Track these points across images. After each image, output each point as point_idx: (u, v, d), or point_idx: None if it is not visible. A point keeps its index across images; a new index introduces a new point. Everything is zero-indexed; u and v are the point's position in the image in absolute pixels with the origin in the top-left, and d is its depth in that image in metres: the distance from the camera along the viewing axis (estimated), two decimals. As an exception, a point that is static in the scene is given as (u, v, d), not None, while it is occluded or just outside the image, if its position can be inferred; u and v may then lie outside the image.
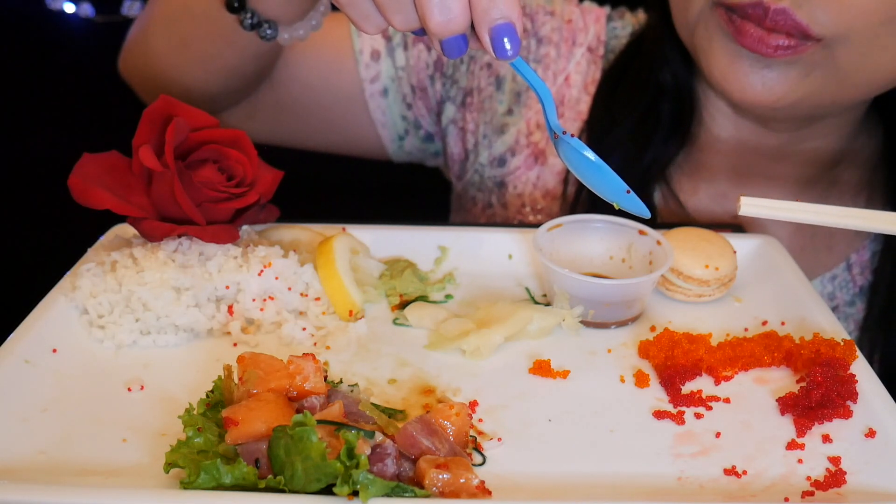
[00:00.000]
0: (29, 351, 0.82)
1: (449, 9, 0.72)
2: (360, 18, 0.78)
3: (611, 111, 1.23)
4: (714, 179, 1.24)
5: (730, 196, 1.24)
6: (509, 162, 1.28)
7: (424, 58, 1.29)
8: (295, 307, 0.91)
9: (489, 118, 1.29)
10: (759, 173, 1.23)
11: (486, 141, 1.29)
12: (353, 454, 0.63)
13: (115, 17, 2.46)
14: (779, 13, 0.97)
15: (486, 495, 0.66)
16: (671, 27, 1.15)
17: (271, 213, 0.99)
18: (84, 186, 0.87)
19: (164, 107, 0.91)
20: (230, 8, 1.02)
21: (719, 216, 1.24)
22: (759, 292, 0.98)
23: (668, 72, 1.20)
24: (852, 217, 0.80)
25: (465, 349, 0.86)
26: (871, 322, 1.22)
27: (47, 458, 0.71)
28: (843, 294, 1.24)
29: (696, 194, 1.24)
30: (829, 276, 1.24)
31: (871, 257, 1.23)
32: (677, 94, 1.21)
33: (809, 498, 0.69)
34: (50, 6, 2.44)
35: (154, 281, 0.86)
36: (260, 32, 1.02)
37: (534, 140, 1.27)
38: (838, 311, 1.24)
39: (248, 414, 0.67)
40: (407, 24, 0.75)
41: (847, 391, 0.79)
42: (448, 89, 1.29)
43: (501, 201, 1.30)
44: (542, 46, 1.28)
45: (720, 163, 1.24)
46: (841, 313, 1.24)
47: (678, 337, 0.87)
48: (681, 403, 0.80)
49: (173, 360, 0.85)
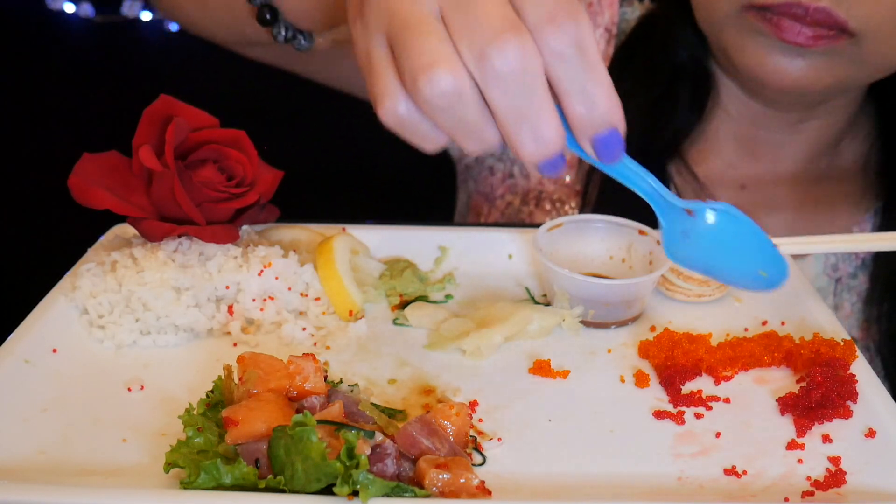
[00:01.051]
0: (29, 351, 0.82)
1: (541, 135, 0.63)
2: (420, 140, 0.67)
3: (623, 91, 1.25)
4: (722, 150, 1.27)
5: (737, 166, 1.27)
6: None
7: None
8: (295, 307, 0.91)
9: None
10: (768, 144, 1.25)
11: None
12: (353, 454, 0.63)
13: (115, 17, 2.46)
14: (819, 11, 1.00)
15: (486, 495, 0.66)
16: (684, 10, 1.18)
17: (271, 213, 0.99)
18: (84, 186, 0.87)
19: (164, 107, 0.91)
20: (262, 21, 0.94)
21: (727, 184, 1.26)
22: (759, 292, 0.98)
23: (685, 52, 1.23)
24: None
25: (465, 349, 0.86)
26: (874, 295, 1.24)
27: (47, 458, 0.71)
28: (846, 266, 1.25)
29: (705, 163, 1.26)
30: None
31: (872, 231, 1.26)
32: (695, 73, 1.24)
33: (809, 498, 0.69)
34: (50, 6, 2.45)
35: (154, 281, 0.86)
36: (294, 45, 0.96)
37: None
38: (841, 284, 1.25)
39: (248, 414, 0.67)
40: (485, 148, 0.66)
41: (847, 391, 0.79)
42: None
43: (524, 172, 1.30)
44: None
45: (728, 134, 1.27)
46: (844, 285, 1.25)
47: (678, 337, 0.87)
48: (681, 403, 0.80)
49: (173, 360, 0.85)
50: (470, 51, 0.61)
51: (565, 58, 0.61)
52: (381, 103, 0.65)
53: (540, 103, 0.62)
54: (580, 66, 0.62)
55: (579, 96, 0.63)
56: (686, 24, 1.21)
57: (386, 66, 0.64)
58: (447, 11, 0.62)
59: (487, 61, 0.60)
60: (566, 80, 0.62)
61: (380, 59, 0.65)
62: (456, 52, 0.61)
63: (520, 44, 0.60)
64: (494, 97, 0.62)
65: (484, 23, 0.60)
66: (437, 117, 0.63)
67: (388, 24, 0.63)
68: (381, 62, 0.64)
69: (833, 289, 1.25)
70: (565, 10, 0.61)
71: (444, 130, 0.65)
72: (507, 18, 0.60)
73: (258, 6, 0.90)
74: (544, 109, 0.62)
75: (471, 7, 0.61)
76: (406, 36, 0.62)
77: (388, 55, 0.64)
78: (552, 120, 0.63)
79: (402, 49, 0.62)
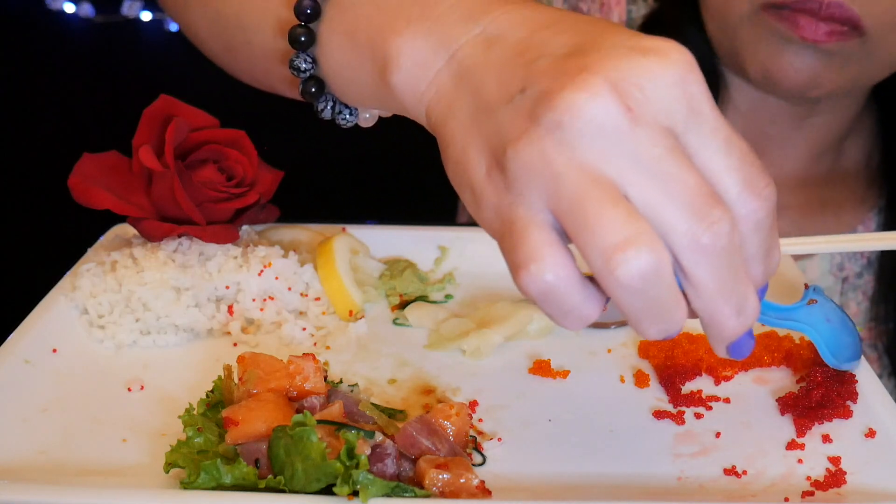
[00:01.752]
0: (29, 351, 0.82)
1: (744, 308, 0.57)
2: (560, 316, 0.58)
3: None
4: None
5: None
6: None
7: None
8: (295, 307, 0.91)
9: None
10: (775, 139, 1.26)
11: None
12: (353, 454, 0.63)
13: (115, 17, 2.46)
14: (833, 6, 1.01)
15: (486, 495, 0.66)
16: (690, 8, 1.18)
17: (271, 213, 0.99)
18: (84, 186, 0.87)
19: (164, 107, 0.91)
20: (306, 94, 0.76)
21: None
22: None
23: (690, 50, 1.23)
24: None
25: (465, 349, 0.86)
26: (881, 294, 1.24)
27: (47, 458, 0.71)
28: (851, 265, 1.25)
29: None
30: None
31: (877, 230, 1.26)
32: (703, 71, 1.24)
33: (809, 498, 0.69)
34: (50, 6, 2.45)
35: (154, 281, 0.86)
36: (338, 119, 0.79)
37: None
38: (848, 283, 1.25)
39: (248, 414, 0.67)
40: (668, 331, 0.58)
41: (847, 391, 0.79)
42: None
43: None
44: None
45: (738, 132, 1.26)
46: (850, 284, 1.25)
47: (678, 337, 0.87)
48: (681, 403, 0.80)
49: (173, 360, 0.85)
50: (672, 228, 0.54)
51: (762, 227, 0.57)
52: (525, 267, 0.56)
53: (744, 276, 0.57)
54: (770, 232, 0.58)
55: (763, 260, 0.58)
56: (691, 23, 1.21)
57: (540, 228, 0.56)
58: (632, 188, 0.54)
59: (694, 239, 0.54)
60: (753, 246, 0.57)
61: (534, 220, 0.56)
62: (650, 228, 0.54)
63: (727, 219, 0.54)
64: (699, 273, 0.55)
65: (683, 197, 0.54)
66: (628, 299, 0.56)
67: (553, 192, 0.55)
68: (534, 223, 0.56)
69: (840, 288, 1.25)
70: (761, 173, 0.56)
71: (629, 313, 0.57)
72: (704, 192, 0.54)
73: (303, 79, 0.76)
74: (747, 281, 0.58)
75: (664, 179, 0.54)
76: (586, 208, 0.54)
77: (549, 219, 0.56)
78: (753, 290, 0.58)
79: (583, 223, 0.54)
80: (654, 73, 0.55)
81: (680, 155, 0.55)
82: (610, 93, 0.53)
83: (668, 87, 0.55)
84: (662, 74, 0.55)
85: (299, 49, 0.74)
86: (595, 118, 0.53)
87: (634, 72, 0.54)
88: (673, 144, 0.55)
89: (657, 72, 0.55)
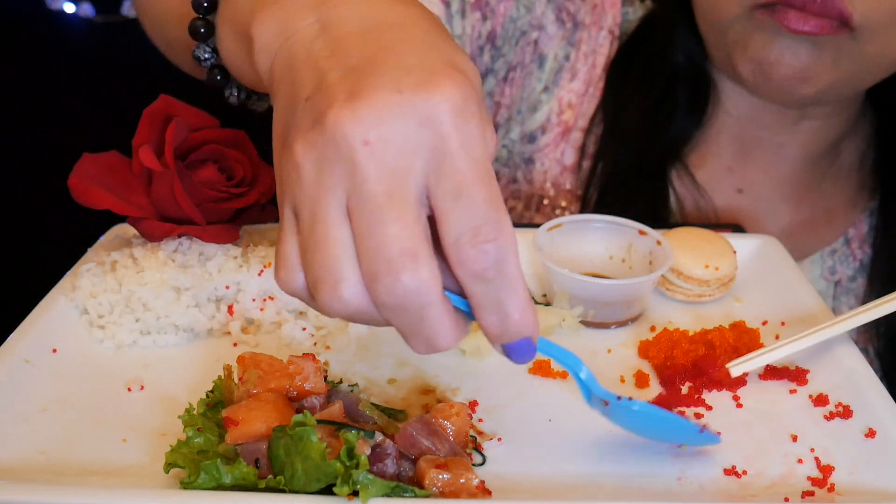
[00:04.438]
0: (29, 351, 0.82)
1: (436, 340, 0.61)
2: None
3: (623, 94, 1.26)
4: (720, 153, 1.27)
5: (736, 170, 1.27)
6: (539, 139, 1.29)
7: (479, 28, 1.28)
8: (295, 307, 0.91)
9: (526, 94, 1.29)
10: (768, 145, 1.26)
11: (519, 117, 1.30)
12: (353, 454, 0.63)
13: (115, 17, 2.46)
14: (822, 1, 1.02)
15: (486, 495, 0.66)
16: (683, 11, 1.19)
17: (271, 213, 0.99)
18: (84, 186, 0.87)
19: (164, 107, 0.91)
20: (213, 84, 0.82)
21: (725, 188, 1.26)
22: (759, 292, 0.98)
23: (682, 54, 1.24)
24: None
25: (464, 349, 0.86)
26: (873, 297, 1.23)
27: (47, 458, 0.71)
28: (843, 268, 1.26)
29: (704, 167, 1.26)
30: (828, 251, 1.26)
31: (869, 232, 1.26)
32: (693, 76, 1.25)
33: (809, 498, 0.69)
34: (50, 6, 2.45)
35: (154, 281, 0.87)
36: (249, 105, 0.86)
37: (564, 119, 1.28)
38: (840, 287, 1.25)
39: (248, 414, 0.67)
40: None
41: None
42: (494, 62, 1.29)
43: (528, 178, 1.30)
44: (577, 31, 1.28)
45: (728, 137, 1.27)
46: (843, 288, 1.26)
47: (678, 337, 0.87)
48: (681, 403, 0.80)
49: (173, 360, 0.85)
50: (364, 272, 0.59)
51: (484, 279, 0.59)
52: (280, 271, 0.61)
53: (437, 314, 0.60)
54: (497, 284, 0.59)
55: (494, 310, 0.60)
56: (684, 27, 1.21)
57: (287, 232, 0.61)
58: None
59: (374, 291, 0.58)
60: (479, 296, 0.60)
61: (285, 225, 0.61)
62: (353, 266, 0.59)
63: (415, 279, 0.57)
64: (389, 318, 0.61)
65: (380, 248, 0.57)
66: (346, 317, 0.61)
67: (294, 204, 0.60)
68: (285, 228, 0.61)
69: (832, 292, 1.25)
70: (493, 224, 0.58)
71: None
72: (401, 248, 0.57)
73: (208, 68, 0.81)
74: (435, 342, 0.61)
75: (371, 222, 0.57)
76: (314, 230, 0.58)
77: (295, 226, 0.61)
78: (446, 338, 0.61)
79: (311, 245, 0.59)
80: (405, 113, 0.57)
81: (398, 202, 0.57)
82: (356, 126, 0.56)
83: (417, 128, 0.57)
84: (413, 115, 0.57)
85: (199, 40, 0.79)
86: (338, 146, 0.57)
87: (387, 108, 0.57)
88: (396, 189, 0.57)
89: (408, 112, 0.57)
